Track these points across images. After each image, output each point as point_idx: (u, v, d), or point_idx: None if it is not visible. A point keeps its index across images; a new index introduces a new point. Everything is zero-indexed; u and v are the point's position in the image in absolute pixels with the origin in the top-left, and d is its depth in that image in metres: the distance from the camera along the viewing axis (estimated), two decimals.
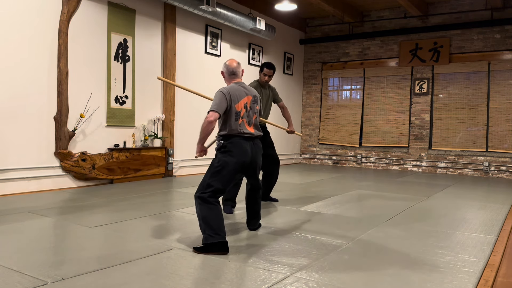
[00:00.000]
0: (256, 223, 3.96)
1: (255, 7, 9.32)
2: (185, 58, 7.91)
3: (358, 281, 2.69)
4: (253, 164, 3.63)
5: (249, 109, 3.62)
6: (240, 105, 3.54)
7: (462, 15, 9.49)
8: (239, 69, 3.71)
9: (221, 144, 3.50)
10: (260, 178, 4.16)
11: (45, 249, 3.20)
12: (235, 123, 3.50)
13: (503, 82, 9.14)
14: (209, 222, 3.24)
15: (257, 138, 3.69)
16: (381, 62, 10.47)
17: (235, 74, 3.69)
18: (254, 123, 3.67)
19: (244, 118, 3.56)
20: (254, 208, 3.92)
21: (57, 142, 5.85)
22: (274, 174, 5.27)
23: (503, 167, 9.08)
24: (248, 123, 3.59)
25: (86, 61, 6.23)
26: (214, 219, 3.26)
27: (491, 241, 3.76)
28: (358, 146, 10.73)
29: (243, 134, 3.52)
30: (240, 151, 3.48)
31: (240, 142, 3.50)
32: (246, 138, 3.55)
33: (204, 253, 3.14)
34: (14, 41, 5.36)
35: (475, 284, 2.71)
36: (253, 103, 3.66)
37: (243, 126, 3.54)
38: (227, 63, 3.70)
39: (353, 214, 4.74)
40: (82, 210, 4.57)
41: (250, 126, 3.61)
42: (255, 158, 3.63)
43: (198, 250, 3.19)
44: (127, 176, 6.71)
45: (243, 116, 3.55)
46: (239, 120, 3.52)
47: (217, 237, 3.18)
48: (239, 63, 3.75)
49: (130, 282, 2.56)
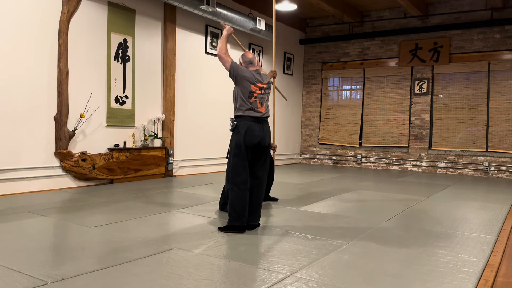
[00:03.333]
0: (255, 219, 3.97)
1: (255, 7, 9.32)
2: (185, 58, 7.91)
3: (358, 281, 2.69)
4: (262, 146, 3.94)
5: (264, 92, 4.03)
6: (255, 87, 3.97)
7: (462, 15, 9.49)
8: (255, 59, 4.12)
9: (234, 125, 3.94)
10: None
11: (45, 249, 3.20)
12: (248, 101, 3.94)
13: (503, 82, 9.14)
14: (233, 206, 3.82)
15: (266, 121, 4.06)
16: (381, 62, 10.47)
17: (252, 63, 4.09)
18: (265, 105, 4.06)
19: (258, 98, 3.99)
20: (254, 201, 3.95)
21: (57, 142, 5.85)
22: (271, 174, 5.25)
23: (503, 167, 9.08)
24: (261, 104, 4.01)
25: (86, 61, 6.23)
26: (238, 204, 3.81)
27: (491, 241, 3.76)
28: (358, 146, 10.74)
29: (254, 113, 3.95)
30: (250, 131, 3.89)
31: (250, 123, 3.92)
32: (256, 119, 3.95)
33: (225, 231, 3.77)
34: (14, 41, 5.36)
35: (475, 284, 2.71)
36: (267, 88, 4.07)
37: (255, 105, 3.96)
38: (244, 54, 4.14)
39: (353, 214, 4.74)
40: (82, 210, 4.57)
41: (262, 107, 4.01)
42: (264, 140, 3.97)
43: (221, 229, 3.82)
44: (127, 176, 6.71)
45: (257, 96, 3.98)
46: (252, 99, 3.96)
47: (238, 220, 3.80)
48: (254, 55, 4.19)
49: (130, 282, 2.56)
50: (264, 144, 3.96)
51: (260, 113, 3.98)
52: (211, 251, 3.21)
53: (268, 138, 4.03)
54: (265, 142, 3.97)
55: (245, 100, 3.93)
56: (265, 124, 4.04)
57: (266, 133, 4.00)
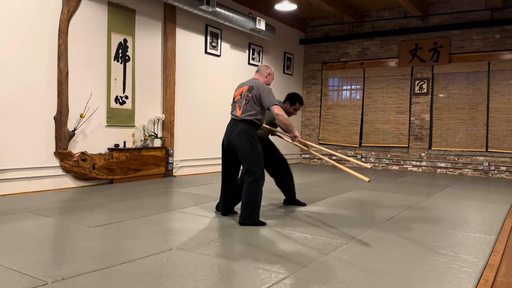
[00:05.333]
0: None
1: (255, 7, 9.33)
2: (185, 58, 7.91)
3: (358, 281, 2.69)
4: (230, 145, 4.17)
5: (242, 96, 4.24)
6: (237, 93, 4.30)
7: (462, 15, 9.50)
8: (260, 67, 4.41)
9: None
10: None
11: (45, 249, 3.20)
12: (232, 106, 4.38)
13: (503, 82, 9.15)
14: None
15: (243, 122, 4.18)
16: (381, 62, 10.47)
17: (258, 71, 4.41)
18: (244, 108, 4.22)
19: (237, 103, 4.27)
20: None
21: (57, 142, 5.85)
22: (289, 175, 5.09)
23: (503, 167, 9.08)
24: (239, 107, 4.23)
25: (86, 61, 6.23)
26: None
27: (491, 241, 3.76)
28: (358, 146, 10.74)
29: (232, 116, 4.28)
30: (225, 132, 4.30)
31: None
32: (233, 121, 4.24)
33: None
34: (14, 41, 5.36)
35: (475, 284, 2.71)
36: (247, 91, 4.23)
37: (234, 109, 4.31)
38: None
39: (353, 214, 4.74)
40: (82, 210, 4.57)
41: (240, 109, 4.21)
42: (233, 140, 4.15)
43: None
44: (127, 176, 6.71)
45: (236, 101, 4.29)
46: (232, 104, 4.39)
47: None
48: (266, 66, 4.44)
49: (130, 282, 2.56)
50: (232, 144, 4.16)
51: (236, 116, 4.20)
52: (211, 251, 3.21)
53: (237, 137, 4.11)
54: (233, 140, 4.13)
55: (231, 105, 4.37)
56: (240, 125, 4.15)
57: (236, 133, 4.13)
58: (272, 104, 4.07)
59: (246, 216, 4.04)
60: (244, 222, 4.04)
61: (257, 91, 4.14)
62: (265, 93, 4.11)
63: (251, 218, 4.04)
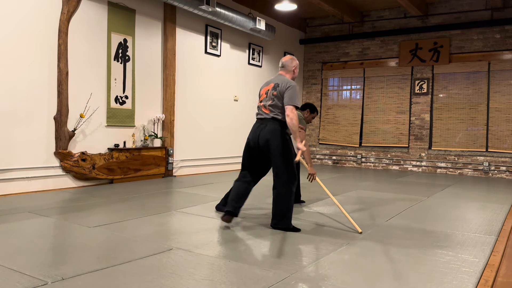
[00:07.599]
0: (228, 207, 3.99)
1: (255, 7, 9.32)
2: (185, 58, 7.91)
3: (358, 281, 2.69)
4: (256, 146, 4.01)
5: (267, 95, 4.09)
6: (262, 92, 4.18)
7: (462, 15, 9.49)
8: (285, 62, 4.27)
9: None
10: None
11: (45, 249, 3.20)
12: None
13: (503, 82, 9.15)
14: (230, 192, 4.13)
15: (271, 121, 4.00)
16: (381, 62, 10.47)
17: (283, 67, 4.27)
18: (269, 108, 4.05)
19: (262, 102, 4.12)
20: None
21: (57, 142, 5.85)
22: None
23: (503, 167, 9.08)
24: (264, 107, 4.08)
25: (86, 61, 6.23)
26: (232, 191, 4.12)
27: (491, 241, 3.76)
28: (358, 146, 10.74)
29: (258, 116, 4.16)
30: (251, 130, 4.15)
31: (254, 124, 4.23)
32: (260, 120, 4.09)
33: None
34: (14, 41, 5.36)
35: (475, 284, 2.70)
36: (271, 90, 4.06)
37: (260, 109, 4.18)
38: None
39: (353, 214, 4.73)
40: (82, 210, 4.57)
41: (266, 109, 4.05)
42: (261, 139, 3.98)
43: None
44: (127, 176, 6.71)
45: (262, 100, 4.15)
46: (258, 104, 4.26)
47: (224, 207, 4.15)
48: (292, 58, 4.28)
49: (130, 282, 2.56)
50: (260, 145, 3.98)
51: (264, 115, 4.06)
52: (211, 251, 3.21)
53: (267, 137, 3.92)
54: (261, 141, 3.97)
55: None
56: (268, 125, 3.97)
57: (265, 133, 3.94)
58: (291, 104, 3.86)
59: (277, 221, 3.92)
60: (276, 227, 3.93)
61: (282, 87, 3.96)
62: (289, 92, 3.91)
63: (282, 222, 3.89)
